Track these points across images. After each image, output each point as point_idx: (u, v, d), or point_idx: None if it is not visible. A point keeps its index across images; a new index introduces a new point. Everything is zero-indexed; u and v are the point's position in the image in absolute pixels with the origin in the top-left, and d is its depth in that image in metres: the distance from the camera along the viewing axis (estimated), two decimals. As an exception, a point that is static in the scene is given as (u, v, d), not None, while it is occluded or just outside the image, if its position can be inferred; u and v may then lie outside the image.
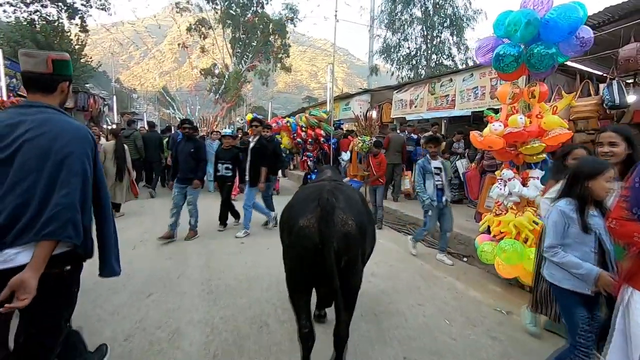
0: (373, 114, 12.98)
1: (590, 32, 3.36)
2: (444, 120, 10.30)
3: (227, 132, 6.11)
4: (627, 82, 5.87)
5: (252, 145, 5.58)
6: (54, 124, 1.47)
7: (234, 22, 28.49)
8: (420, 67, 18.98)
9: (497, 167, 5.16)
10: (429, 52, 18.73)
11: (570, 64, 6.25)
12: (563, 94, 4.62)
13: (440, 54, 18.81)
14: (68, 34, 21.68)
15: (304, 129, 11.17)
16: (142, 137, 9.19)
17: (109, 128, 11.28)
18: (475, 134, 3.92)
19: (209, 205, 6.31)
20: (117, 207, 6.28)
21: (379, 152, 6.33)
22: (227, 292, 3.42)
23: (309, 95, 57.48)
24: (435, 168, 4.46)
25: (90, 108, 15.03)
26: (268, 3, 29.22)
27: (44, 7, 20.33)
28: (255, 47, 28.73)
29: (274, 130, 12.24)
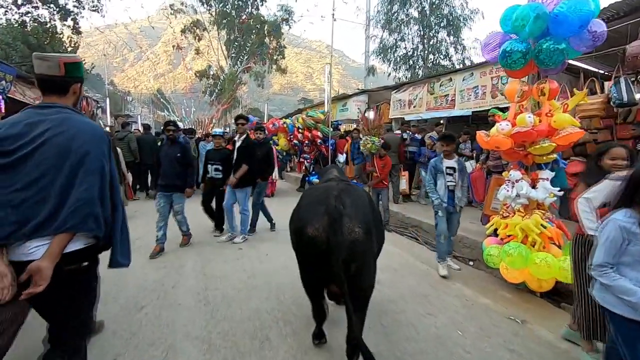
0: (370, 114, 12.93)
1: (604, 25, 3.22)
2: (442, 121, 10.15)
3: (217, 131, 5.77)
4: (631, 79, 5.76)
5: (238, 145, 5.17)
6: (72, 124, 1.53)
7: (229, 23, 28.30)
8: (418, 67, 18.87)
9: (502, 167, 5.01)
10: (426, 52, 18.63)
11: (572, 62, 6.14)
12: (572, 92, 4.48)
13: (438, 54, 18.72)
14: (60, 36, 21.37)
15: (301, 131, 11.01)
16: (136, 139, 9.07)
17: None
18: (482, 134, 3.77)
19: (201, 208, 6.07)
20: None
21: (386, 154, 6.16)
22: (225, 302, 3.22)
23: (305, 97, 57.38)
24: (448, 168, 4.14)
25: (83, 110, 14.71)
26: (263, 4, 29.07)
27: (36, 8, 19.99)
28: (251, 48, 28.55)
29: (271, 132, 12.07)
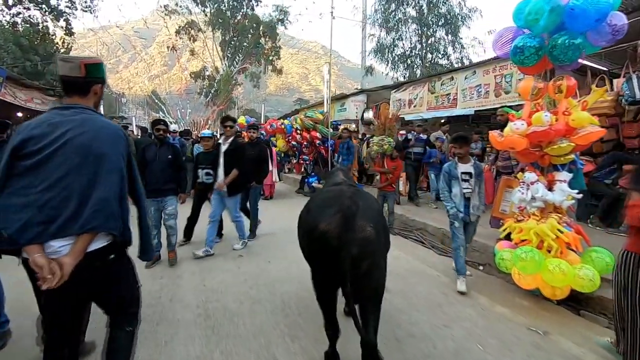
0: (369, 114, 12.76)
1: (624, 18, 3.06)
2: (443, 120, 9.97)
3: (205, 133, 5.36)
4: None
5: (224, 148, 4.66)
6: (93, 124, 1.58)
7: (224, 24, 28.06)
8: (416, 66, 18.72)
9: (512, 168, 4.85)
10: (424, 51, 18.49)
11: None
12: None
13: (436, 53, 18.59)
14: (53, 37, 21.02)
15: (299, 132, 10.81)
16: (134, 141, 8.85)
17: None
18: (495, 134, 3.60)
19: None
20: None
21: (398, 155, 5.92)
22: (227, 317, 3.01)
23: (300, 98, 57.19)
24: (464, 173, 3.74)
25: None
26: (258, 5, 28.88)
27: (27, 9, 19.63)
28: (246, 49, 28.33)
29: (269, 133, 11.87)
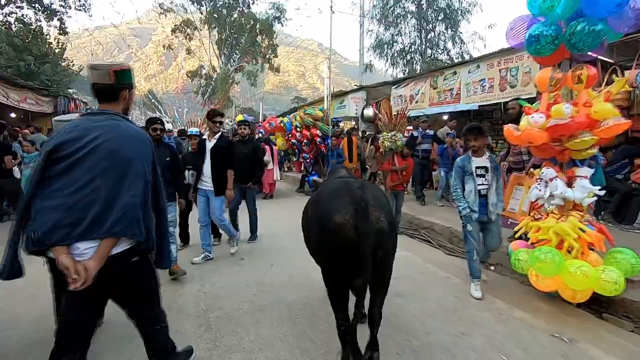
0: (369, 111, 12.55)
1: (650, 2, 2.86)
2: (446, 116, 9.78)
3: (192, 131, 5.02)
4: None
5: (211, 145, 4.25)
6: (121, 130, 1.63)
7: (220, 22, 27.76)
8: (415, 62, 18.51)
9: (523, 164, 4.66)
10: (424, 47, 18.27)
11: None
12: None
13: (436, 49, 18.36)
14: (47, 37, 20.70)
15: (299, 129, 10.61)
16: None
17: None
18: (511, 128, 3.40)
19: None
20: None
21: (409, 153, 5.67)
22: (229, 327, 2.81)
23: (298, 96, 56.85)
24: (479, 168, 3.47)
25: (71, 112, 14.27)
26: (254, 2, 28.58)
27: (20, 8, 19.30)
28: (243, 47, 28.05)
29: (268, 131, 11.67)
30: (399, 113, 5.60)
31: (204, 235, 4.37)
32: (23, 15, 19.73)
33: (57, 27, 20.59)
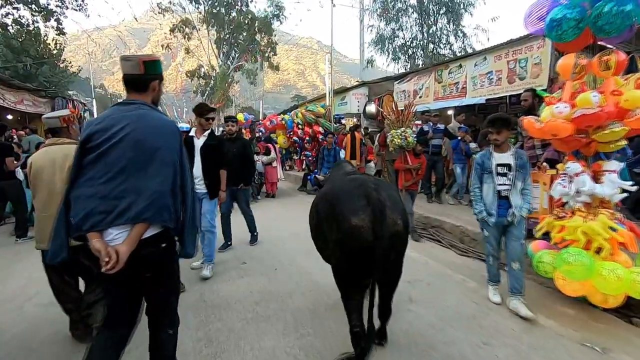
0: (372, 107, 12.30)
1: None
2: (450, 111, 9.54)
3: (183, 127, 4.71)
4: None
5: (200, 143, 3.81)
6: (149, 120, 1.65)
7: (218, 21, 27.52)
8: (417, 57, 18.20)
9: (537, 159, 4.41)
10: (426, 41, 17.96)
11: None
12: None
13: (438, 43, 18.05)
14: (45, 38, 20.52)
15: (301, 127, 10.39)
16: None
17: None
18: (532, 120, 3.16)
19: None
20: None
21: (422, 150, 5.33)
22: (232, 341, 2.57)
23: (297, 94, 56.58)
24: (500, 165, 3.03)
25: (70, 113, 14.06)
26: (252, 1, 28.31)
27: (16, 9, 19.07)
28: (241, 46, 27.80)
29: (269, 129, 11.44)
30: (406, 108, 5.25)
31: (210, 244, 3.94)
32: (20, 17, 19.51)
33: (54, 27, 20.36)
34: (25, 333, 2.73)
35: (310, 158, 10.17)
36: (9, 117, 12.08)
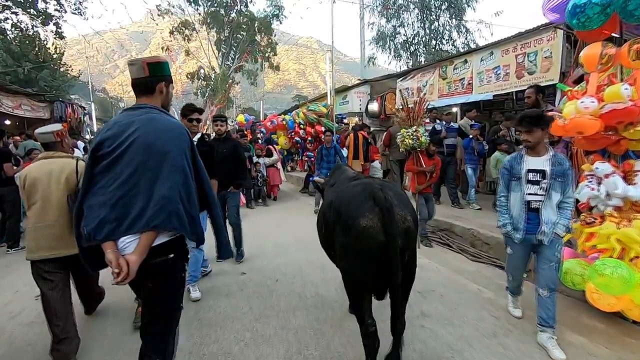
0: (374, 106, 12.04)
1: None
2: (454, 109, 9.24)
3: None
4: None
5: None
6: (157, 123, 1.61)
7: (218, 22, 27.36)
8: (419, 54, 17.89)
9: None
10: (428, 37, 17.64)
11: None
12: None
13: (440, 39, 17.72)
14: (45, 43, 20.41)
15: (302, 127, 10.14)
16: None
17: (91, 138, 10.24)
18: (555, 116, 2.89)
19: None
20: None
21: (436, 151, 5.02)
22: (227, 366, 2.34)
23: (299, 94, 56.35)
24: (532, 171, 2.53)
25: (69, 118, 13.91)
26: (252, 2, 28.12)
27: (15, 14, 18.95)
28: (241, 46, 27.62)
29: (270, 130, 11.20)
30: (417, 105, 4.89)
31: (195, 261, 3.45)
32: (19, 21, 19.39)
33: (53, 31, 20.23)
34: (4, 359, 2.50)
35: (313, 159, 9.91)
36: (7, 122, 11.93)
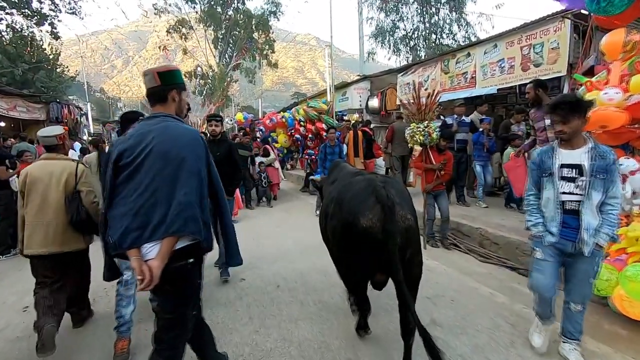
0: (374, 102, 11.83)
1: None
2: (456, 103, 9.02)
3: None
4: None
5: None
6: (172, 131, 1.66)
7: (215, 20, 27.13)
8: (419, 48, 17.65)
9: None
10: (428, 31, 17.39)
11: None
12: None
13: (440, 33, 17.47)
14: (41, 43, 20.21)
15: (303, 124, 9.93)
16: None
17: (89, 139, 10.08)
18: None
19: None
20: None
21: (446, 146, 4.76)
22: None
23: (297, 92, 56.10)
24: (567, 167, 2.13)
25: (65, 119, 13.76)
26: (249, -1, 27.92)
27: (9, 14, 18.70)
28: (239, 44, 27.40)
29: (269, 128, 10.97)
30: (429, 97, 4.65)
31: None
32: (14, 22, 19.15)
33: (48, 32, 20.00)
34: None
35: (313, 157, 9.72)
36: (2, 124, 11.76)
